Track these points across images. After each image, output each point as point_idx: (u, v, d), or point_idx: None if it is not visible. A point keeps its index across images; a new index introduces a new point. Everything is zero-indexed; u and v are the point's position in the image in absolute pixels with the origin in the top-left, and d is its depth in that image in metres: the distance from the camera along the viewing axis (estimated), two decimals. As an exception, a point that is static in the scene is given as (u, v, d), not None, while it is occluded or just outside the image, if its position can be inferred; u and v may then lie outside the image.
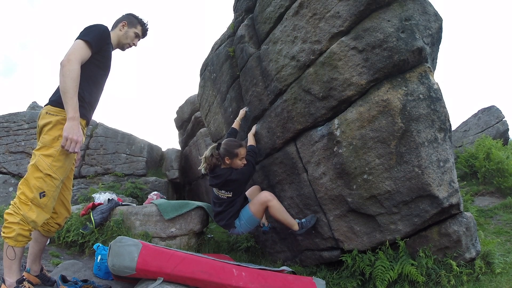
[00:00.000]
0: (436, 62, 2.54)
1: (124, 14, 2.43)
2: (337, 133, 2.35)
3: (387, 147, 2.14)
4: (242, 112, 3.20)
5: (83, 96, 2.06)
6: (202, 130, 7.21)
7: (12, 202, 1.96)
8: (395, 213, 2.21)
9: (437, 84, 2.16)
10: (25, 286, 1.92)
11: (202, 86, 4.41)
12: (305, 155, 2.62)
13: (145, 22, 2.44)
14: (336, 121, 2.37)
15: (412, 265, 2.19)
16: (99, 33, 2.11)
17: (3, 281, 1.92)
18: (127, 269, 2.01)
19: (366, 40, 2.16)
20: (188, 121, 8.10)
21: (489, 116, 7.53)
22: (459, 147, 7.28)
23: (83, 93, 2.06)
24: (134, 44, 2.43)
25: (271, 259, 3.40)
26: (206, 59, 4.29)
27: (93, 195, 4.41)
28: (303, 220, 2.65)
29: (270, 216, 3.12)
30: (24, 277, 1.98)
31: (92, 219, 3.49)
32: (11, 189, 6.44)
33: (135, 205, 3.99)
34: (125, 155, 7.23)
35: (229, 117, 3.60)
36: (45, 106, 2.08)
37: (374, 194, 2.23)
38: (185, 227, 3.54)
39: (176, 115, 8.89)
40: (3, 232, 1.90)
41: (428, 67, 2.17)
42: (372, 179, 2.22)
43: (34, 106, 9.05)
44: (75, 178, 6.73)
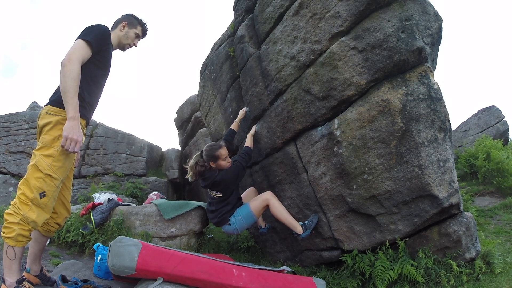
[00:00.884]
0: (436, 62, 2.54)
1: (123, 15, 2.43)
2: (337, 133, 2.35)
3: (387, 147, 2.14)
4: (242, 112, 3.20)
5: (83, 96, 2.06)
6: (202, 130, 7.21)
7: (12, 202, 1.96)
8: (395, 213, 2.21)
9: (437, 84, 2.17)
10: (25, 286, 1.92)
11: (202, 86, 4.41)
12: (305, 155, 2.62)
13: (144, 22, 2.45)
14: (336, 121, 2.37)
15: (412, 265, 2.19)
16: (99, 33, 2.11)
17: (3, 281, 1.92)
18: (127, 269, 2.01)
19: (366, 40, 2.16)
20: (188, 121, 8.11)
21: (489, 116, 7.53)
22: (459, 147, 7.29)
23: (83, 93, 2.06)
24: (135, 45, 2.45)
25: (271, 259, 3.40)
26: (206, 59, 4.29)
27: (93, 195, 4.41)
28: (305, 222, 2.64)
29: (269, 217, 3.12)
30: (24, 277, 1.98)
31: (92, 219, 3.49)
32: (11, 189, 6.44)
33: (135, 205, 3.99)
34: (125, 155, 7.23)
35: (229, 117, 3.60)
36: (45, 106, 2.08)
37: (374, 194, 2.23)
38: (185, 227, 3.54)
39: (176, 115, 8.89)
40: (3, 232, 1.90)
41: (428, 67, 2.17)
42: (372, 179, 2.22)
43: (34, 106, 9.06)
44: (75, 178, 6.74)
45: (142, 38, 2.50)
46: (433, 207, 2.09)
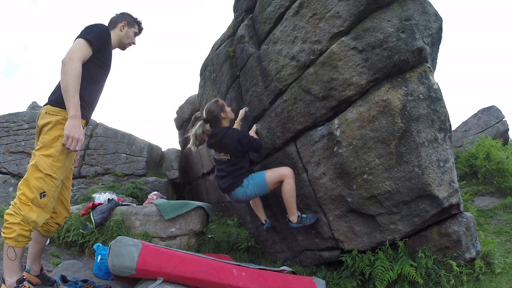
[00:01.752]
0: (436, 62, 2.54)
1: (120, 14, 2.44)
2: (337, 133, 2.35)
3: (387, 147, 2.14)
4: (242, 112, 3.20)
5: (83, 95, 2.06)
6: (202, 130, 7.19)
7: (12, 203, 1.96)
8: (395, 213, 2.21)
9: (437, 84, 2.17)
10: (25, 286, 1.92)
11: (202, 86, 4.41)
12: (305, 155, 2.62)
13: (140, 21, 2.50)
14: (336, 121, 2.37)
15: (412, 265, 2.18)
16: (100, 32, 2.12)
17: (3, 281, 1.92)
18: (127, 269, 2.01)
19: (366, 40, 2.16)
20: (188, 121, 8.10)
21: (489, 116, 7.53)
22: (459, 147, 7.29)
23: (83, 92, 2.06)
24: (134, 43, 2.47)
25: (271, 259, 3.40)
26: (206, 59, 4.29)
27: (93, 195, 4.41)
28: (304, 215, 2.62)
29: (269, 217, 3.12)
30: (24, 277, 1.98)
31: (92, 219, 3.49)
32: (11, 189, 6.44)
33: (135, 205, 3.99)
34: (125, 155, 7.23)
35: (229, 117, 3.59)
36: (44, 106, 2.08)
37: (374, 194, 2.23)
38: (185, 227, 3.54)
39: (176, 115, 8.89)
40: (4, 233, 1.90)
41: (428, 67, 2.17)
42: (372, 179, 2.22)
43: (34, 106, 9.05)
44: (75, 178, 6.74)
45: (138, 36, 2.54)
46: (433, 207, 2.09)
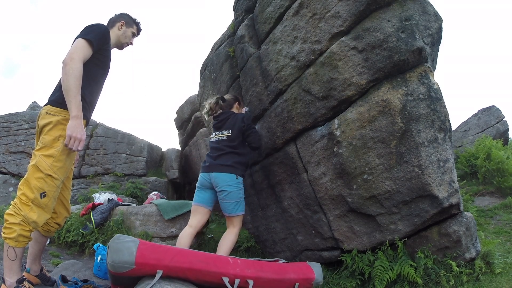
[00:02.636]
0: (436, 62, 2.54)
1: (119, 14, 2.45)
2: (337, 133, 2.35)
3: (387, 147, 2.14)
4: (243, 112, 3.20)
5: (83, 95, 2.06)
6: (202, 130, 7.20)
7: (12, 203, 1.96)
8: (395, 213, 2.21)
9: (437, 84, 2.17)
10: (25, 286, 1.92)
11: (202, 86, 4.41)
12: (305, 155, 2.62)
13: (138, 21, 2.52)
14: (336, 121, 2.37)
15: (411, 265, 2.18)
16: (100, 31, 2.12)
17: (3, 281, 1.92)
18: (126, 263, 2.00)
19: (366, 40, 2.16)
20: (188, 121, 8.10)
21: (489, 116, 7.53)
22: (459, 147, 7.29)
23: (84, 92, 2.06)
24: (131, 43, 2.49)
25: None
26: (206, 59, 4.29)
27: (93, 195, 4.41)
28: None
29: (269, 216, 3.12)
30: (24, 277, 1.98)
31: (92, 219, 3.50)
32: (11, 189, 6.44)
33: (135, 205, 3.99)
34: (125, 155, 7.23)
35: (229, 117, 3.59)
36: (44, 106, 2.08)
37: (374, 194, 2.23)
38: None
39: (176, 115, 8.89)
40: (4, 233, 1.90)
41: (428, 67, 2.17)
42: (372, 179, 2.22)
43: (34, 106, 9.05)
44: (75, 178, 6.74)
45: (136, 37, 2.56)
46: (433, 207, 2.09)
